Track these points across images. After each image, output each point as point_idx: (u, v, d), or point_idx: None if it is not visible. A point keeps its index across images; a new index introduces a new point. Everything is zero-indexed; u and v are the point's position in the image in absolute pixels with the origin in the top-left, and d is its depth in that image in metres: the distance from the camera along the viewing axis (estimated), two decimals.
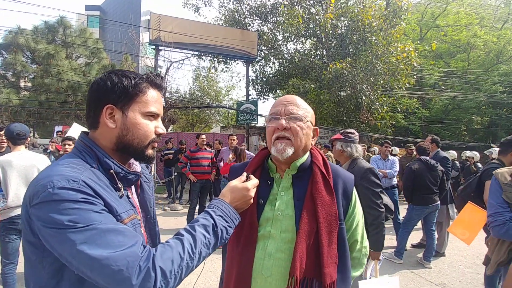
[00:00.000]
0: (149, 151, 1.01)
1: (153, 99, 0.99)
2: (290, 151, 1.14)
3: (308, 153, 1.25)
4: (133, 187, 1.09)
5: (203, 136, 6.46)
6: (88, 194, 0.81)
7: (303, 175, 1.21)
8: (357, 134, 2.89)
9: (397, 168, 5.65)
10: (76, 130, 5.82)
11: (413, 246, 5.30)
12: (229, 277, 1.19)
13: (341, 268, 1.14)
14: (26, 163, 3.01)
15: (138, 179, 1.07)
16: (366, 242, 1.31)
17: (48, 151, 6.33)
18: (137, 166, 1.10)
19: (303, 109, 1.19)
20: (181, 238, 0.87)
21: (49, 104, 14.29)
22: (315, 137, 1.26)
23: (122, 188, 0.96)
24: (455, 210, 4.89)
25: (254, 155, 1.52)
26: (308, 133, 1.19)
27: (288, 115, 1.16)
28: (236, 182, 1.07)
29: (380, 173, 5.50)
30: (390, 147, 5.86)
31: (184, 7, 18.58)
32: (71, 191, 0.79)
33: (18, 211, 2.93)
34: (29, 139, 4.55)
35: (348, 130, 2.89)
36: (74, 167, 0.86)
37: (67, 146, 3.94)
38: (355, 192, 1.25)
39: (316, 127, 1.26)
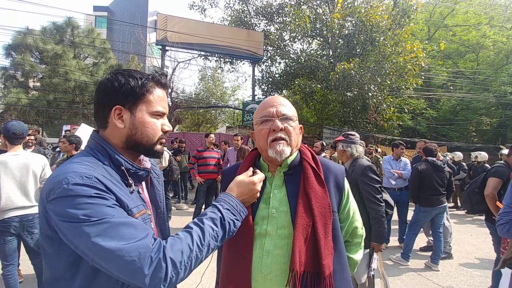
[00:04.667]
0: (158, 147, 1.04)
1: (159, 98, 1.02)
2: (287, 151, 1.18)
3: (297, 151, 1.29)
4: (143, 182, 1.12)
5: (212, 136, 6.46)
6: (100, 189, 0.85)
7: (294, 172, 1.24)
8: (357, 135, 3.09)
9: (410, 169, 5.57)
10: (84, 130, 5.86)
11: (421, 249, 5.22)
12: (227, 278, 1.19)
13: (337, 258, 1.17)
14: (20, 165, 2.88)
15: (148, 175, 1.10)
16: (361, 224, 1.39)
17: (57, 149, 6.41)
18: (147, 162, 1.12)
19: (291, 109, 1.24)
20: (190, 230, 0.90)
21: (57, 104, 14.46)
22: (301, 134, 1.30)
23: (133, 184, 0.99)
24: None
25: None
26: (298, 132, 1.25)
27: (280, 116, 1.20)
28: (242, 177, 1.11)
29: (396, 174, 5.45)
30: (404, 149, 5.81)
31: (190, 9, 18.66)
32: (85, 186, 0.83)
33: (10, 214, 2.81)
34: (30, 137, 4.55)
35: (349, 132, 3.12)
36: (87, 165, 0.89)
37: (60, 143, 4.04)
38: (346, 183, 1.30)
39: (301, 125, 1.31)
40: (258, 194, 1.12)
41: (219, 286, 1.22)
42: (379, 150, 9.76)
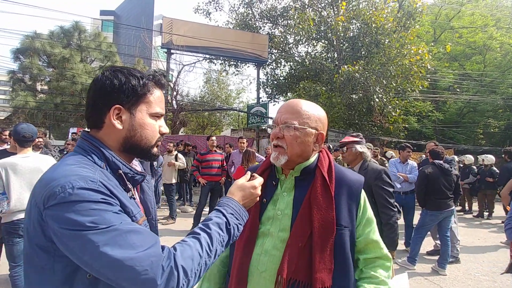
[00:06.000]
0: (155, 150, 1.00)
1: (158, 99, 0.98)
2: (283, 159, 1.18)
3: (315, 157, 1.26)
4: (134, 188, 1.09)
5: (213, 138, 6.49)
6: (106, 194, 0.79)
7: (307, 178, 1.22)
8: (361, 135, 2.98)
9: (417, 172, 5.51)
10: None
11: (428, 253, 5.16)
12: (232, 271, 1.24)
13: (339, 276, 1.12)
14: (31, 167, 2.88)
15: (144, 179, 1.05)
16: (384, 252, 1.22)
17: (65, 152, 6.50)
18: (137, 166, 1.08)
19: (303, 116, 1.18)
20: (198, 236, 0.86)
21: (64, 107, 14.61)
22: (319, 142, 1.23)
23: (132, 189, 0.94)
24: None
25: (264, 158, 1.53)
26: (305, 140, 1.18)
27: (282, 123, 1.19)
28: (243, 181, 1.08)
29: (401, 177, 5.39)
30: (411, 151, 5.75)
31: (195, 12, 18.79)
32: (91, 191, 0.76)
33: (20, 215, 2.81)
34: (39, 139, 4.57)
35: (354, 133, 2.99)
36: (86, 168, 0.82)
37: (70, 146, 4.03)
38: (363, 195, 1.25)
39: (321, 132, 1.22)
40: (258, 198, 1.10)
41: (228, 277, 1.27)
42: (393, 153, 9.63)
